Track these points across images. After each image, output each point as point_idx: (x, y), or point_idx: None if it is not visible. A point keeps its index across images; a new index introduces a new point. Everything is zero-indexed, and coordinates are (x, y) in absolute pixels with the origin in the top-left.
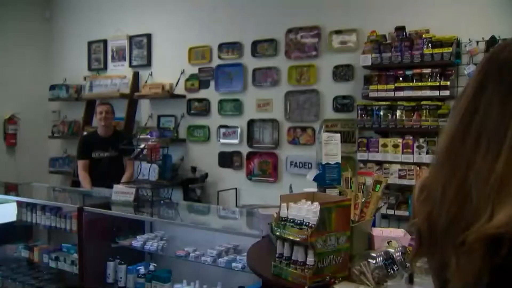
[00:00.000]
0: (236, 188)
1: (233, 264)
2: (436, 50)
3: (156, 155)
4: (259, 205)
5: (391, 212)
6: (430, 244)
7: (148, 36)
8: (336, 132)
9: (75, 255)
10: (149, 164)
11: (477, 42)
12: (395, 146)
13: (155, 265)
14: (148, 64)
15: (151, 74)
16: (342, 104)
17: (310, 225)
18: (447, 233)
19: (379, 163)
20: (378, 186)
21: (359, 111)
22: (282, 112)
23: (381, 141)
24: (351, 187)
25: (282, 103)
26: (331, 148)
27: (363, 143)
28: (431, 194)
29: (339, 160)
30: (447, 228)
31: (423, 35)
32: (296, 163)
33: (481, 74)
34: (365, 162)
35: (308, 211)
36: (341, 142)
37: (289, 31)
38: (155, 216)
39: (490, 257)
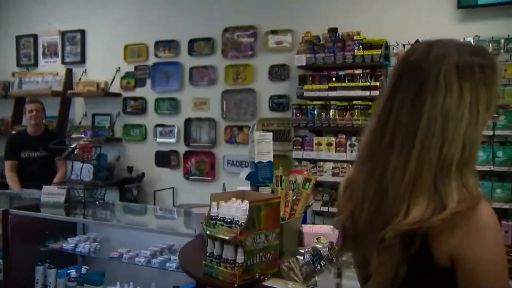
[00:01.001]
0: (173, 188)
1: (167, 264)
2: (366, 52)
3: (88, 154)
4: (196, 205)
5: (325, 209)
6: (354, 240)
7: (82, 32)
8: (272, 131)
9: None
10: (82, 164)
11: (404, 45)
12: (329, 144)
13: (87, 268)
14: (82, 61)
15: (85, 72)
16: (278, 103)
17: (239, 223)
18: (368, 230)
19: (314, 161)
20: (308, 184)
21: (294, 111)
22: (219, 111)
23: (316, 139)
24: (281, 185)
25: (219, 102)
26: (263, 147)
27: (298, 141)
28: (354, 191)
29: (271, 158)
30: (368, 225)
31: (355, 37)
32: (233, 162)
33: (395, 76)
34: (300, 160)
35: (238, 210)
36: (277, 141)
37: (226, 30)
38: (88, 217)
39: (406, 252)
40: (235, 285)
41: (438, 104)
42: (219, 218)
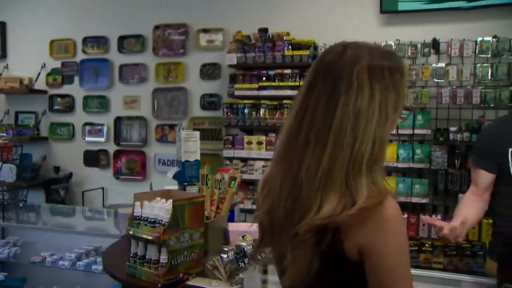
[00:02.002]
0: (103, 188)
1: (93, 267)
2: (295, 52)
3: (9, 154)
4: (126, 205)
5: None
6: (271, 236)
7: (2, 25)
8: (203, 130)
9: None
10: (2, 164)
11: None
12: (259, 143)
13: (6, 274)
14: (3, 55)
15: (6, 67)
16: (209, 102)
17: (163, 223)
18: (284, 225)
19: (244, 160)
20: (233, 182)
21: (225, 109)
22: (150, 110)
23: (246, 138)
24: (207, 184)
25: (150, 101)
26: (190, 146)
27: (229, 140)
28: (271, 188)
29: (198, 157)
30: (284, 221)
31: (284, 38)
32: (164, 161)
33: (311, 74)
34: (231, 159)
35: (161, 209)
36: (208, 139)
37: (157, 27)
38: (8, 220)
39: (318, 246)
40: (159, 285)
41: (351, 103)
42: (142, 218)
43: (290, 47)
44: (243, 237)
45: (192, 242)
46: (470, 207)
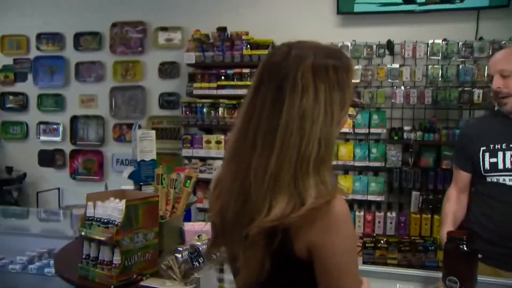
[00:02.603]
0: (59, 188)
1: (46, 270)
2: (254, 52)
3: None
4: (83, 205)
5: None
6: (223, 236)
7: None
8: (161, 129)
9: None
10: None
11: None
12: (218, 142)
13: None
14: None
15: None
16: (167, 101)
17: (116, 223)
18: (234, 227)
19: (203, 159)
20: (189, 181)
21: (183, 108)
22: (107, 109)
23: (205, 137)
24: (162, 183)
25: (107, 99)
26: (146, 145)
27: (188, 139)
28: (222, 189)
29: (154, 156)
30: (235, 222)
31: (243, 37)
32: (122, 160)
33: (257, 76)
34: (189, 158)
35: (114, 209)
36: (167, 139)
37: (114, 25)
38: None
39: (269, 247)
40: (111, 286)
41: (296, 104)
42: (95, 218)
43: (248, 46)
44: (198, 236)
45: (147, 242)
46: (456, 206)
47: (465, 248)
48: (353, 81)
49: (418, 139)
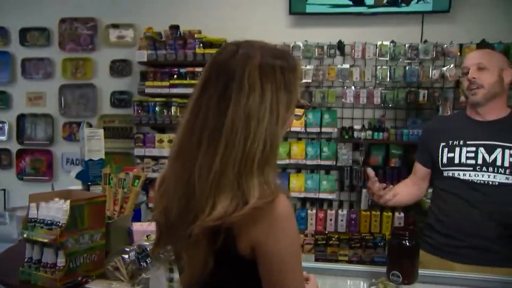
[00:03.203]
0: (4, 190)
1: None
2: (207, 50)
3: None
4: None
5: None
6: (167, 236)
7: None
8: (113, 128)
9: None
10: None
11: None
12: (171, 141)
13: None
14: None
15: None
16: (119, 99)
17: (60, 224)
18: (178, 226)
19: (156, 159)
20: (137, 181)
21: (135, 107)
22: (56, 107)
23: (157, 136)
24: (110, 183)
25: (56, 97)
26: (94, 144)
27: (140, 138)
28: (167, 188)
29: (102, 156)
30: (179, 221)
31: (196, 35)
32: (72, 160)
33: (204, 76)
34: (142, 157)
35: (58, 210)
36: (119, 138)
37: (63, 21)
38: None
39: (213, 245)
40: None
41: (242, 103)
42: (38, 220)
43: (201, 45)
44: (147, 236)
45: (93, 243)
46: (405, 188)
47: (407, 244)
48: (304, 80)
49: (368, 138)
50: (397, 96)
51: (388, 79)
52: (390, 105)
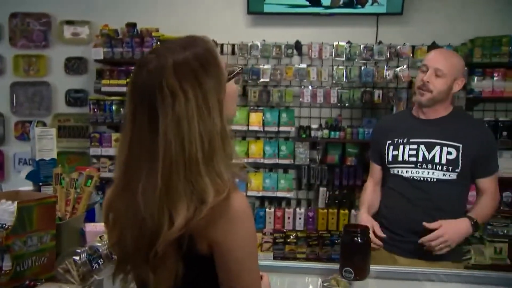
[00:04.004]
0: None
1: None
2: None
3: None
4: None
5: None
6: (127, 264)
7: None
8: (69, 127)
9: None
10: None
11: None
12: None
13: None
14: None
15: None
16: (75, 98)
17: (6, 226)
18: (136, 254)
19: (112, 158)
20: (90, 181)
21: (91, 106)
22: (7, 105)
23: (114, 136)
24: (61, 183)
25: (8, 95)
26: (46, 144)
27: (96, 138)
28: (116, 218)
29: (54, 156)
30: (135, 249)
31: (153, 34)
32: (26, 160)
33: (130, 102)
34: (98, 157)
35: (4, 212)
36: (74, 137)
37: (14, 15)
38: None
39: (179, 252)
40: None
41: (169, 113)
42: None
43: (159, 43)
44: (100, 237)
45: (42, 245)
46: (374, 194)
47: (359, 240)
48: (262, 80)
49: (325, 137)
50: (353, 96)
51: (344, 79)
52: (346, 105)
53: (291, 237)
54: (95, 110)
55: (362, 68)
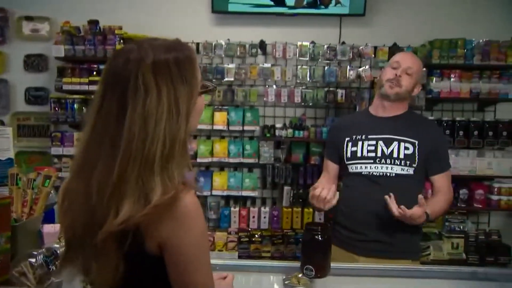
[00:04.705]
0: None
1: None
2: None
3: None
4: None
5: None
6: (74, 251)
7: None
8: (29, 126)
9: None
10: None
11: None
12: None
13: None
14: None
15: None
16: (35, 96)
17: None
18: (84, 239)
19: None
20: (48, 181)
21: (52, 104)
22: None
23: (76, 135)
24: (18, 184)
25: None
26: (2, 143)
27: (57, 137)
28: (71, 203)
29: (11, 155)
30: (83, 235)
31: (116, 31)
32: None
33: (101, 85)
34: (60, 157)
35: None
36: (35, 136)
37: None
38: None
39: (121, 250)
40: None
41: (139, 107)
42: None
43: (122, 41)
44: (59, 239)
45: None
46: (328, 181)
47: (319, 238)
48: (226, 79)
49: (289, 136)
50: (317, 96)
51: (308, 79)
52: (310, 104)
53: (256, 236)
54: (56, 108)
55: (326, 68)
